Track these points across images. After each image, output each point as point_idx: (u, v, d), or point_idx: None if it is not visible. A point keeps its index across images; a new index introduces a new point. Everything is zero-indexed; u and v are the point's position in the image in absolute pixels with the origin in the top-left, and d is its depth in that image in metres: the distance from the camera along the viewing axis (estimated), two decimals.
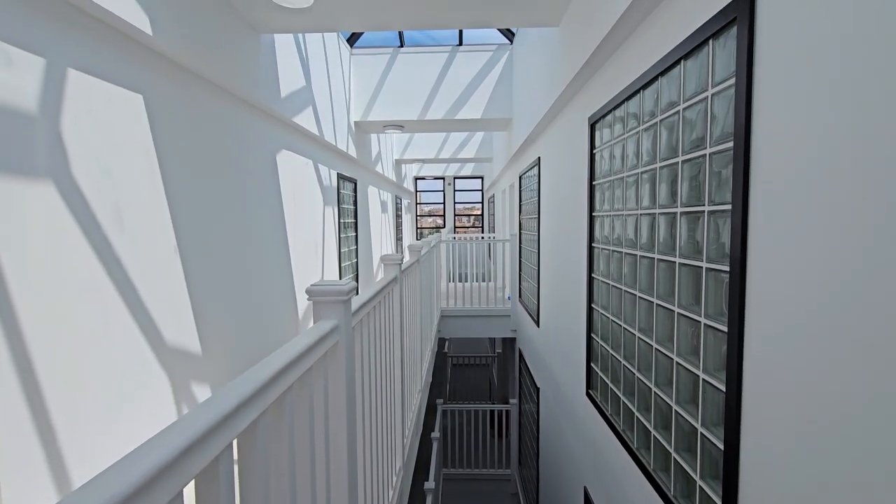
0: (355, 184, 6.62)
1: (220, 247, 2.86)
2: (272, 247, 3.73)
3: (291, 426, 0.88)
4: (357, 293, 1.80)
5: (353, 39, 5.83)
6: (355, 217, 6.66)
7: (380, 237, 8.66)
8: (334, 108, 5.18)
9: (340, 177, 5.85)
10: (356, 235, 6.70)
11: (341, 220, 5.89)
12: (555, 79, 3.29)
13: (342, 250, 5.91)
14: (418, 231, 15.22)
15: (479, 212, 15.14)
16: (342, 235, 5.93)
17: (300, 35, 4.15)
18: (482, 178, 14.27)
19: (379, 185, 8.51)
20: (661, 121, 1.83)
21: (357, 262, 6.75)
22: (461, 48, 5.87)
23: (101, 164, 1.92)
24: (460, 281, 8.64)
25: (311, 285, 1.16)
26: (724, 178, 1.38)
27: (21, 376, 1.52)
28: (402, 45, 5.97)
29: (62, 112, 1.73)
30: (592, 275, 2.79)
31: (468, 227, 15.65)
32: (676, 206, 1.70)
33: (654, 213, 1.89)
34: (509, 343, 7.87)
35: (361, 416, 1.48)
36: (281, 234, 3.94)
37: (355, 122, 6.05)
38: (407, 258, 2.80)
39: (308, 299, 1.17)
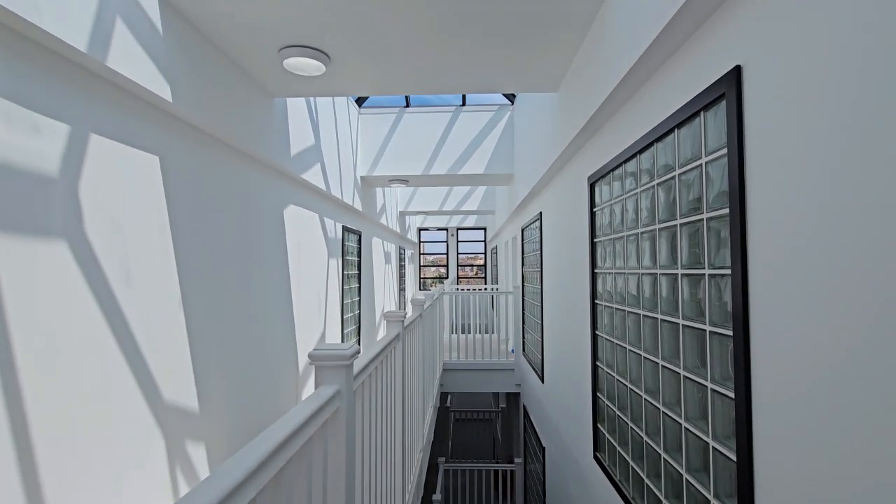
0: (360, 236, 6.72)
1: (223, 301, 2.88)
2: (275, 301, 3.74)
3: (289, 500, 0.85)
4: (360, 352, 1.79)
5: (361, 100, 6.12)
6: (359, 268, 6.70)
7: (383, 288, 8.67)
8: (341, 163, 5.35)
9: (345, 229, 5.95)
10: (359, 287, 6.72)
11: (345, 272, 5.93)
12: (554, 140, 3.41)
13: (345, 302, 5.90)
14: (421, 281, 15.23)
15: (482, 261, 15.21)
16: (345, 287, 5.94)
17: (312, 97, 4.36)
18: (485, 228, 14.44)
19: (383, 236, 8.62)
20: (658, 184, 1.88)
21: (360, 313, 6.72)
22: (464, 108, 6.14)
23: (114, 221, 1.98)
24: (463, 332, 8.54)
25: (314, 349, 1.16)
26: (722, 239, 1.41)
27: (14, 433, 1.49)
28: (407, 105, 6.24)
29: (81, 174, 1.81)
30: (596, 332, 2.77)
31: (471, 277, 15.66)
32: (677, 268, 1.71)
33: (656, 273, 1.90)
34: (513, 398, 7.66)
35: (360, 482, 1.43)
36: (285, 288, 3.95)
37: (361, 177, 6.23)
38: (410, 313, 2.79)
39: (310, 363, 1.17)
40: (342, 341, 5.74)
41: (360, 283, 6.73)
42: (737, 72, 1.31)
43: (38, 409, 1.58)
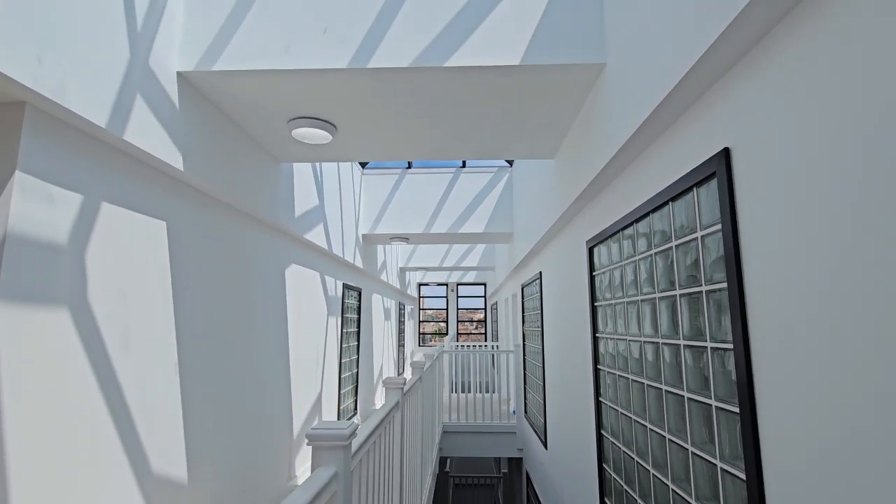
0: (360, 292, 6.71)
1: (221, 364, 2.83)
2: (273, 363, 3.68)
3: None
4: (358, 426, 1.74)
5: (364, 162, 6.33)
6: (358, 326, 6.64)
7: (382, 344, 8.54)
8: (344, 222, 5.45)
9: (346, 286, 5.96)
10: (358, 344, 6.62)
11: (344, 330, 5.87)
12: (552, 204, 3.50)
13: (343, 360, 5.80)
14: (421, 336, 15.03)
15: (482, 316, 15.08)
16: (344, 345, 5.86)
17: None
18: (485, 284, 14.44)
19: (383, 292, 8.61)
20: (656, 253, 1.91)
21: (357, 371, 6.58)
22: (465, 170, 6.34)
23: (117, 287, 1.99)
24: (463, 392, 8.32)
25: (313, 428, 1.14)
26: (723, 312, 1.41)
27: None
28: (409, 167, 6.46)
29: (89, 242, 1.84)
30: (600, 398, 2.71)
31: (472, 333, 15.47)
32: (679, 338, 1.71)
33: (658, 343, 1.89)
34: (515, 462, 7.34)
35: None
36: (283, 349, 3.90)
37: (363, 235, 6.32)
38: (409, 376, 2.74)
39: (307, 444, 1.14)
40: (339, 401, 5.59)
41: (358, 340, 6.65)
42: (726, 153, 1.37)
43: (25, 476, 1.51)
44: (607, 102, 2.14)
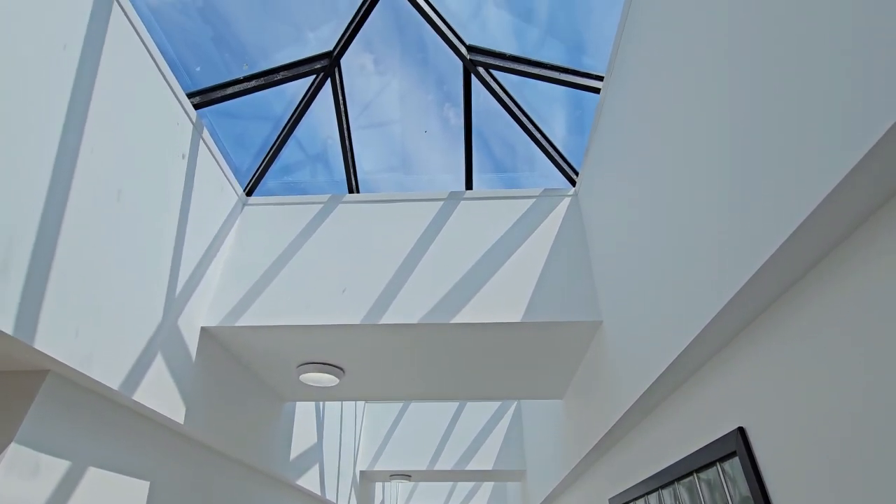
0: None
1: None
2: None
3: None
4: None
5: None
6: None
7: None
8: (341, 460, 5.03)
9: None
10: None
11: None
12: (567, 450, 3.28)
13: None
14: None
15: None
16: None
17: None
18: None
19: None
20: None
21: None
22: (470, 402, 6.17)
23: None
24: None
25: None
26: None
27: None
28: None
29: None
30: None
31: None
32: None
33: None
34: None
35: None
36: None
37: (361, 472, 5.77)
38: None
39: None
40: None
41: None
42: (741, 433, 1.33)
43: None
44: (610, 358, 2.21)
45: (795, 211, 0.94)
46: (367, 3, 2.50)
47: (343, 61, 2.71)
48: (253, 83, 2.53)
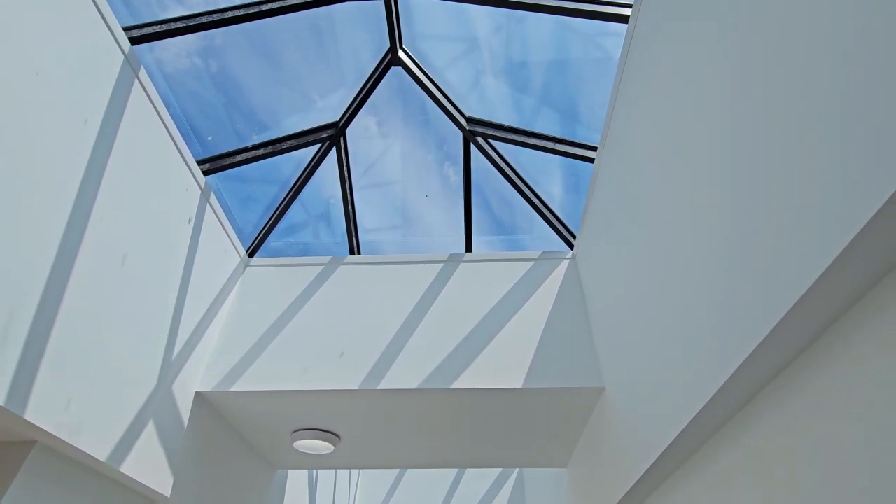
0: None
1: None
2: None
3: None
4: None
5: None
6: None
7: None
8: None
9: None
10: None
11: None
12: None
13: None
14: None
15: None
16: None
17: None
18: None
19: None
20: None
21: None
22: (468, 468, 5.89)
23: None
24: None
25: None
26: None
27: None
28: None
29: None
30: None
31: None
32: None
33: None
34: None
35: None
36: None
37: None
38: None
39: None
40: None
41: None
42: None
43: None
44: (615, 426, 2.14)
45: (794, 286, 0.96)
46: (374, 77, 2.65)
47: (348, 130, 2.84)
48: (261, 151, 2.63)
